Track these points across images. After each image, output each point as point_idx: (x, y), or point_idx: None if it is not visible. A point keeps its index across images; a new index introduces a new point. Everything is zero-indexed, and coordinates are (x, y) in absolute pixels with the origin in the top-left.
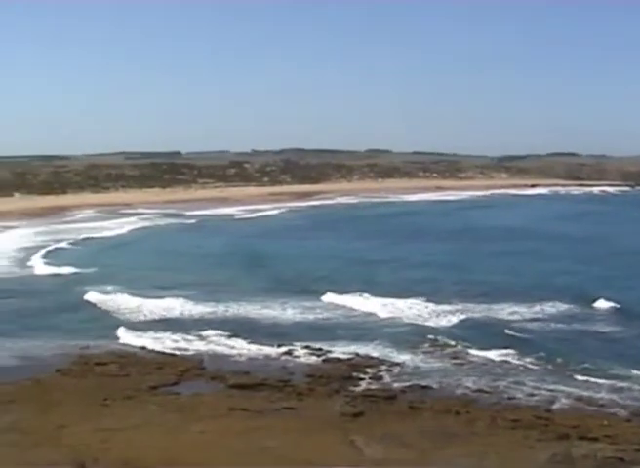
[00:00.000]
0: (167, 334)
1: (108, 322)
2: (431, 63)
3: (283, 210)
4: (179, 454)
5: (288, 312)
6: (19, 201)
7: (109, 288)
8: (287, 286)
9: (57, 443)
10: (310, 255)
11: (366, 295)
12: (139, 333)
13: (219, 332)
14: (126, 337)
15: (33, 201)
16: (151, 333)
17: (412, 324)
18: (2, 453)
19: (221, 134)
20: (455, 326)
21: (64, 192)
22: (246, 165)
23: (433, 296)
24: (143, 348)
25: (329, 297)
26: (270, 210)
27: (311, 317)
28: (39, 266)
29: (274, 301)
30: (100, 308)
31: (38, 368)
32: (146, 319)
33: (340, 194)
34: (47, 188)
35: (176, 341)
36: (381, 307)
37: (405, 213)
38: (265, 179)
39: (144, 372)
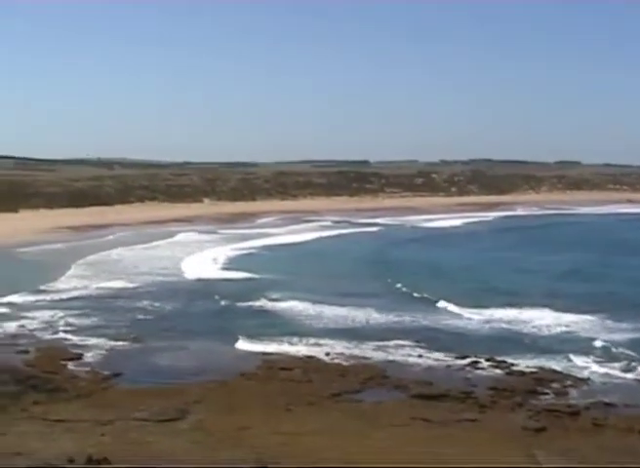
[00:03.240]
0: (351, 342)
1: (290, 328)
2: (619, 76)
3: (467, 220)
4: (359, 461)
5: (473, 323)
6: (208, 206)
7: (289, 294)
8: (468, 298)
9: (239, 443)
10: (490, 267)
11: (546, 310)
12: (321, 340)
13: (403, 342)
14: (308, 344)
15: (222, 207)
16: (335, 341)
17: (593, 339)
18: (187, 450)
19: (411, 143)
20: (638, 342)
21: (253, 199)
22: (433, 175)
23: (610, 311)
24: (327, 355)
25: (508, 310)
26: (455, 219)
27: (496, 328)
28: (220, 271)
29: (457, 312)
30: (280, 314)
31: (223, 370)
32: (328, 327)
33: (527, 206)
34: (236, 195)
35: (360, 349)
36: (561, 321)
37: (589, 224)
38: (453, 189)
39: (328, 379)
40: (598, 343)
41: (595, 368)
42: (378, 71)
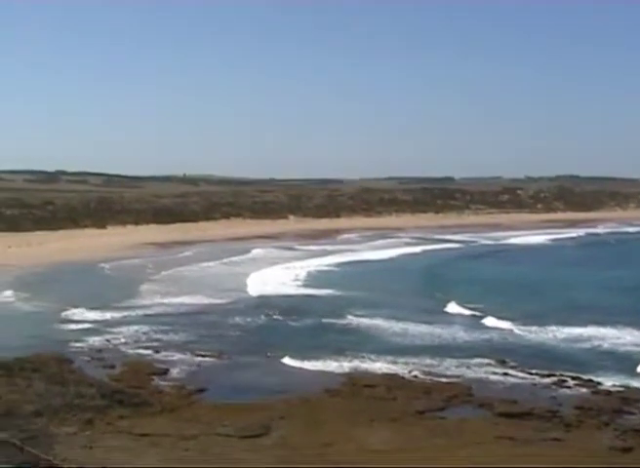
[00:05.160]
0: (434, 359)
1: (374, 345)
2: None
3: (552, 237)
4: None
5: (556, 341)
6: (293, 223)
7: (373, 311)
8: (553, 316)
9: (322, 460)
10: (571, 284)
11: (628, 328)
12: (405, 358)
13: (487, 360)
14: (391, 361)
15: (307, 223)
16: (418, 358)
17: None
18: (271, 467)
19: (495, 160)
20: None
21: (338, 216)
22: (519, 191)
23: None
24: (410, 372)
25: (591, 328)
26: (539, 236)
27: (581, 346)
28: (300, 288)
29: (540, 329)
30: (365, 331)
31: (307, 387)
32: (414, 344)
33: (613, 222)
34: (321, 211)
35: (443, 366)
36: None
37: None
38: (539, 206)
39: (412, 397)
40: None
41: None
42: (462, 89)
